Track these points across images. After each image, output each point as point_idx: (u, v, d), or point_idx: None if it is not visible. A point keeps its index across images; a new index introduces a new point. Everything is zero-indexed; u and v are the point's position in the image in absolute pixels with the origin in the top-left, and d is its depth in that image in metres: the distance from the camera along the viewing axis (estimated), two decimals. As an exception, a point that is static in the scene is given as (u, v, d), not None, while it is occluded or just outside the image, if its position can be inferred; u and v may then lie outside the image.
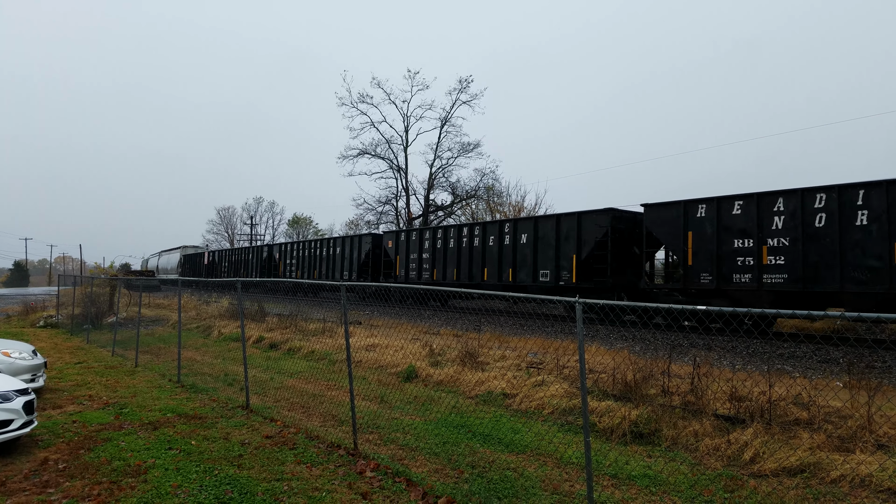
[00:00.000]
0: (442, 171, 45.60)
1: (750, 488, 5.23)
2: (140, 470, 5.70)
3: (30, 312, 24.16)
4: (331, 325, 15.86)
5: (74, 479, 5.47)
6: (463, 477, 5.61)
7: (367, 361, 11.65)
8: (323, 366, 11.82)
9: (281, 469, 5.76)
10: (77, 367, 11.79)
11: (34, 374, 8.98)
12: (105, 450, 6.32)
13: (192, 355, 13.58)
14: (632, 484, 5.41)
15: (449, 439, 6.78)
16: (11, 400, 6.25)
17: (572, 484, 5.43)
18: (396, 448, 6.50)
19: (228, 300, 24.06)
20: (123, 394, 9.27)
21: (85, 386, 9.87)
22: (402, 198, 46.05)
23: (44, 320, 21.09)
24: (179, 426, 7.33)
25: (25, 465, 5.82)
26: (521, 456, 6.23)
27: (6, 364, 8.57)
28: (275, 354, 13.67)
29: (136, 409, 8.26)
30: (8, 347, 9.13)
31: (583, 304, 4.49)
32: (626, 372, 8.04)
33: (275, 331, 16.25)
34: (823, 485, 5.24)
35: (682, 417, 6.89)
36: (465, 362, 10.37)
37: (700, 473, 5.65)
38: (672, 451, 6.30)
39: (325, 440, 6.77)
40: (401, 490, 5.25)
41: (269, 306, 21.56)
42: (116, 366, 12.08)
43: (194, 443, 6.61)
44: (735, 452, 6.00)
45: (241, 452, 6.28)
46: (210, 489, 5.22)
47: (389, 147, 45.96)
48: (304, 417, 7.91)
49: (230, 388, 9.93)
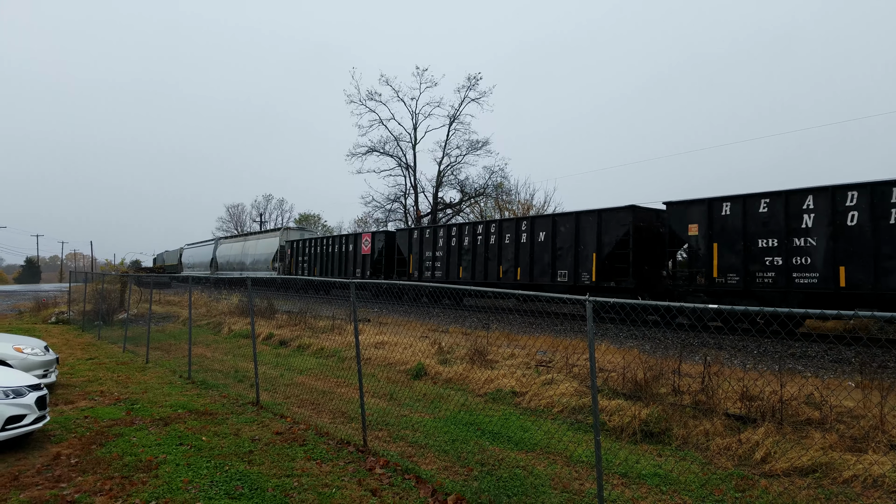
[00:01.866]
0: (450, 168, 45.56)
1: (761, 488, 5.19)
2: (151, 465, 5.74)
3: (41, 309, 24.39)
4: (340, 323, 15.90)
5: (86, 473, 5.52)
6: (472, 474, 5.61)
7: (376, 359, 11.67)
8: (332, 363, 11.86)
9: (291, 465, 5.78)
10: (89, 363, 11.89)
11: (46, 369, 9.07)
12: (117, 445, 6.38)
13: (203, 352, 13.67)
14: (642, 483, 5.39)
15: (458, 437, 6.78)
16: (24, 395, 6.31)
17: (582, 483, 5.42)
18: (405, 445, 6.51)
19: (238, 297, 24.18)
20: (135, 390, 9.34)
21: (96, 382, 9.96)
22: (410, 195, 46.06)
23: (55, 316, 21.29)
24: (190, 422, 7.38)
25: (38, 460, 5.89)
26: (531, 454, 6.22)
27: (19, 360, 8.65)
28: (284, 351, 13.73)
29: (148, 404, 8.32)
30: (20, 343, 9.21)
31: (593, 302, 4.47)
32: (637, 371, 8.01)
33: (284, 328, 16.32)
34: (835, 485, 5.20)
35: (693, 416, 6.85)
36: (474, 360, 10.36)
37: (711, 473, 5.62)
38: (683, 451, 6.26)
39: (334, 437, 6.80)
40: (410, 487, 5.25)
41: (278, 303, 21.65)
42: (127, 362, 12.17)
43: (205, 438, 6.65)
44: (746, 452, 5.96)
45: (251, 448, 6.31)
46: (221, 485, 5.25)
47: (398, 144, 45.97)
48: (314, 414, 7.94)
49: (240, 384, 9.98)
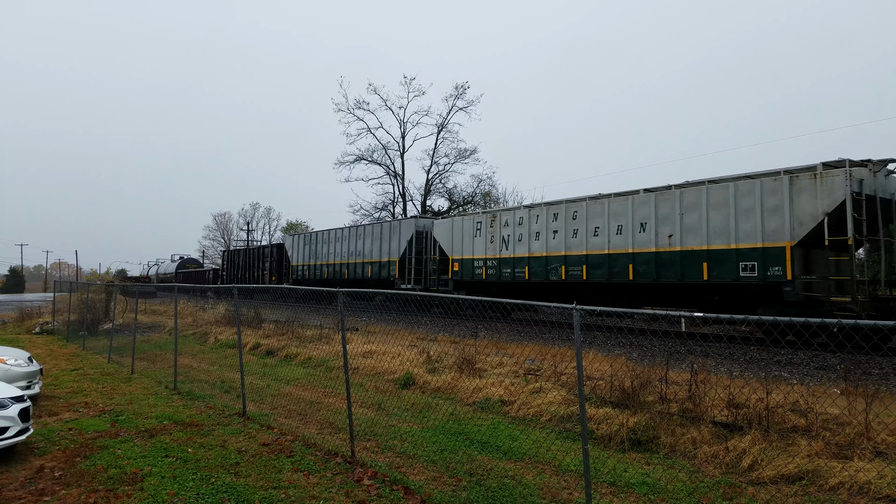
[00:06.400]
0: (439, 176, 45.81)
1: (748, 496, 5.23)
2: (136, 478, 5.66)
3: (25, 319, 24.05)
4: (328, 332, 15.82)
5: (70, 487, 5.44)
6: (461, 485, 5.59)
7: (364, 368, 11.62)
8: (320, 373, 11.79)
9: (278, 477, 5.73)
10: (73, 374, 11.73)
11: (30, 381, 8.93)
12: (101, 457, 6.29)
13: (189, 362, 13.53)
14: (630, 491, 5.40)
15: (447, 447, 6.76)
16: (7, 407, 6.22)
17: (570, 491, 5.42)
18: (394, 456, 6.48)
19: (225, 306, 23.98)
20: (120, 401, 9.22)
21: (81, 393, 9.82)
22: (398, 204, 46.20)
23: (40, 327, 20.99)
24: (176, 433, 7.30)
25: (21, 473, 5.79)
26: (520, 463, 6.22)
27: (2, 371, 8.52)
28: (271, 361, 13.63)
29: (133, 416, 8.22)
30: (3, 354, 9.08)
31: (581, 310, 4.50)
32: (624, 379, 8.04)
33: (271, 337, 16.21)
34: (822, 492, 5.24)
35: (681, 424, 6.88)
36: (463, 369, 10.35)
37: (699, 481, 5.64)
38: (670, 459, 6.29)
39: (322, 448, 6.75)
40: (398, 498, 5.23)
41: (265, 312, 21.50)
42: (113, 372, 12.02)
43: (191, 450, 6.58)
44: (733, 460, 6.00)
45: (237, 460, 6.25)
46: (207, 497, 5.19)
47: (386, 153, 46.14)
48: (302, 425, 7.88)
49: (227, 395, 9.89)
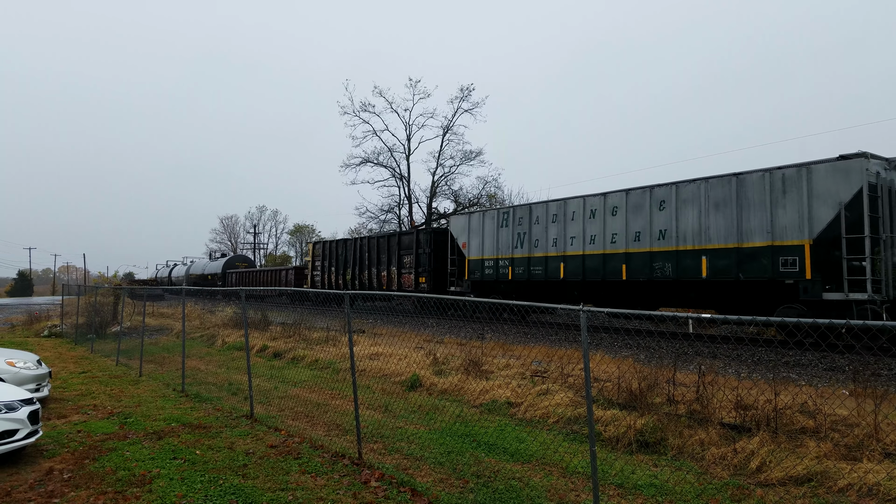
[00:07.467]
0: (444, 179, 45.82)
1: (757, 497, 5.20)
2: (145, 480, 5.70)
3: (34, 322, 24.22)
4: (334, 334, 15.85)
5: (79, 488, 5.47)
6: (468, 486, 5.59)
7: (370, 370, 11.64)
8: (327, 375, 11.81)
9: (286, 479, 5.75)
10: (81, 377, 11.80)
11: (39, 383, 8.99)
12: (110, 459, 6.33)
13: (196, 364, 13.58)
14: (638, 493, 5.38)
15: (454, 448, 6.76)
16: (16, 410, 6.26)
17: (578, 493, 5.41)
18: (401, 457, 6.49)
19: (233, 309, 24.07)
20: (128, 403, 9.28)
21: (89, 395, 9.88)
22: (404, 206, 46.22)
23: (48, 330, 21.13)
24: (184, 435, 7.33)
25: (30, 475, 5.83)
26: (527, 465, 6.21)
27: (11, 374, 8.58)
28: (279, 363, 13.67)
29: (141, 418, 8.26)
30: (13, 357, 9.15)
31: (588, 312, 4.49)
32: (631, 380, 8.01)
33: (278, 339, 16.26)
34: (831, 494, 5.20)
35: (688, 426, 6.86)
36: (469, 371, 10.34)
37: (707, 482, 5.62)
38: (678, 460, 6.26)
39: (329, 449, 6.76)
40: (405, 500, 5.23)
41: (272, 315, 21.57)
42: (121, 375, 12.09)
43: (199, 452, 6.61)
44: (741, 461, 5.97)
45: (245, 462, 6.27)
46: (215, 499, 5.21)
47: (392, 155, 46.17)
48: (309, 427, 7.90)
49: (234, 397, 9.92)
